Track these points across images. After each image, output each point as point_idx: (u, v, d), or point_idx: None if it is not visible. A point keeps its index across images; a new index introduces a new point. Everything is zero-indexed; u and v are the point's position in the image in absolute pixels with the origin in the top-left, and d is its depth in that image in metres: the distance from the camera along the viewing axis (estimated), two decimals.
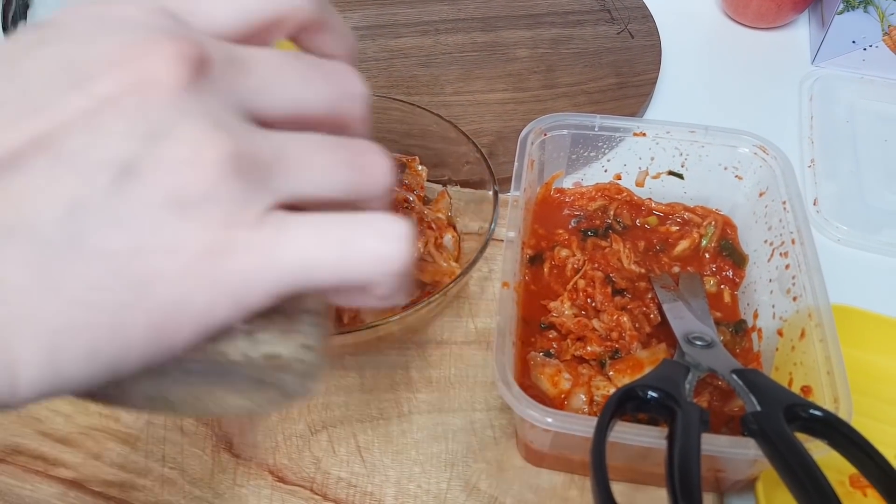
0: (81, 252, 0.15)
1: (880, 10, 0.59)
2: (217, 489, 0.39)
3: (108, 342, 0.15)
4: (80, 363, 0.15)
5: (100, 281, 0.15)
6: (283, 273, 0.17)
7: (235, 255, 0.16)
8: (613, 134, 0.47)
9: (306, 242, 0.17)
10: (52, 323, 0.15)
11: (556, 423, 0.32)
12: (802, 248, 0.39)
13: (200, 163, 0.15)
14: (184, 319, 0.16)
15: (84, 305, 0.15)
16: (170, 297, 0.15)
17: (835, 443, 0.31)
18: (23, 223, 0.14)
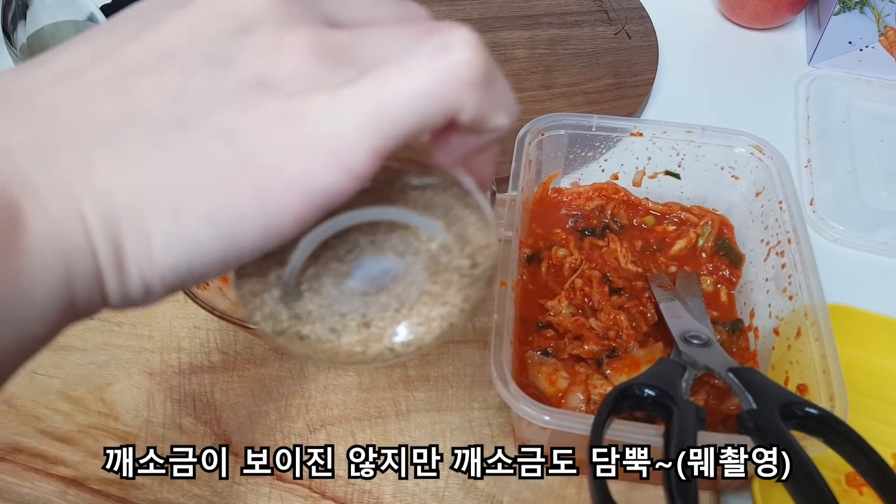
0: (188, 129, 0.17)
1: (876, 11, 0.60)
2: (216, 487, 0.39)
3: (223, 204, 0.17)
4: (202, 227, 0.17)
5: (207, 151, 0.17)
6: (370, 123, 0.17)
7: (320, 116, 0.17)
8: (610, 134, 0.47)
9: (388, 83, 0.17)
10: (172, 187, 0.17)
11: (553, 421, 0.32)
12: (798, 248, 0.40)
13: (282, 48, 0.17)
14: (287, 182, 0.17)
15: (197, 172, 0.17)
16: (268, 162, 0.17)
17: (830, 441, 0.31)
18: (141, 110, 0.17)
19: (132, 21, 0.19)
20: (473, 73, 0.18)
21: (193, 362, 0.44)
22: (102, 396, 0.42)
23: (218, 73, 0.17)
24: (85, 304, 0.18)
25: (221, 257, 0.18)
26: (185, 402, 0.42)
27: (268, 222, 0.17)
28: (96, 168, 0.17)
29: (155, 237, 0.17)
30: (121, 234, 0.17)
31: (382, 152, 0.17)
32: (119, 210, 0.17)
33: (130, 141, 0.17)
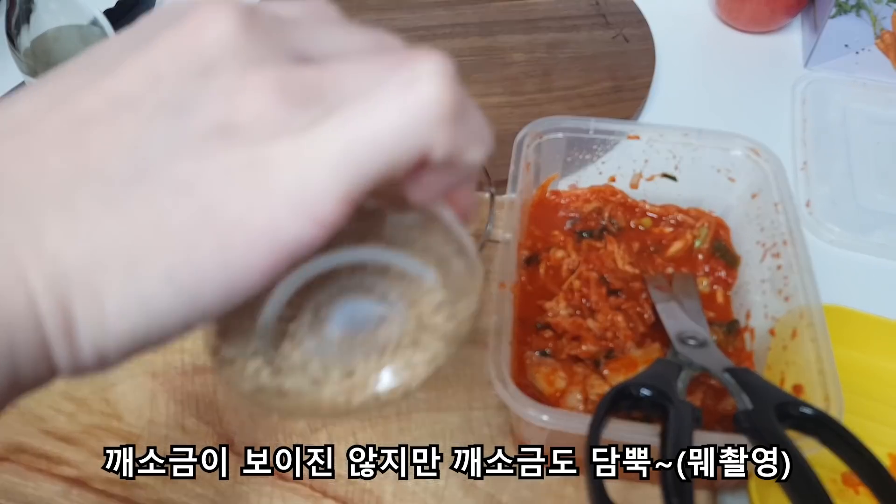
0: (145, 183, 0.16)
1: (872, 14, 0.60)
2: (218, 487, 0.39)
3: (182, 262, 0.16)
4: (160, 287, 0.16)
5: (165, 206, 0.16)
6: (336, 167, 0.16)
7: (284, 164, 0.16)
8: (608, 137, 0.47)
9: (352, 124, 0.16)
10: (127, 247, 0.16)
11: (551, 421, 0.33)
12: (794, 249, 0.40)
13: (245, 90, 0.16)
14: (250, 236, 0.16)
15: (154, 229, 0.16)
16: (230, 215, 0.16)
17: (826, 440, 0.31)
18: (94, 165, 0.16)
19: (91, 65, 0.18)
20: (442, 109, 0.17)
21: (196, 363, 0.44)
22: (106, 397, 0.43)
23: (177, 121, 0.16)
24: (30, 377, 0.17)
25: (182, 319, 0.16)
26: (187, 403, 0.43)
27: (231, 279, 0.16)
28: (45, 230, 0.15)
29: (108, 301, 0.16)
30: (70, 299, 0.16)
31: (352, 198, 0.16)
32: (69, 274, 0.15)
33: (82, 200, 0.16)
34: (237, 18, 0.17)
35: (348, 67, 0.18)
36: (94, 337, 0.16)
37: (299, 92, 0.17)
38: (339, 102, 0.17)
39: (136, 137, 0.16)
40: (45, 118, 0.16)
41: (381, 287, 0.21)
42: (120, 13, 0.64)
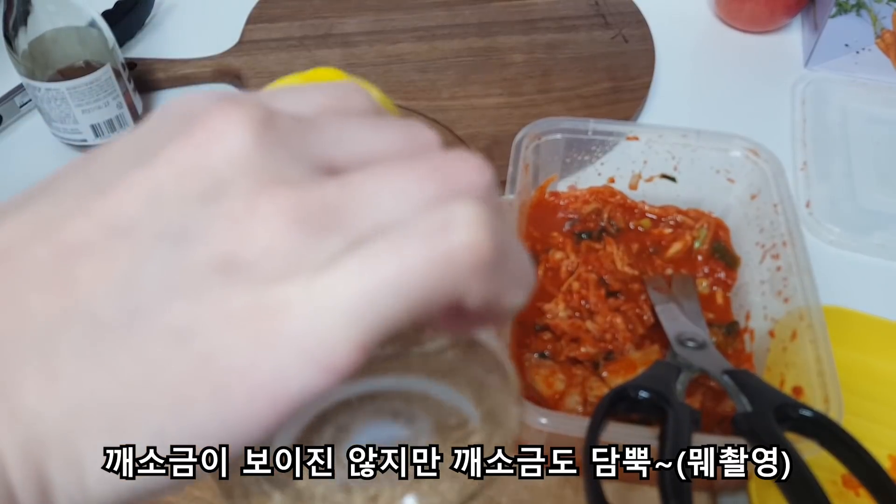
0: (136, 330, 0.14)
1: (873, 14, 0.60)
2: (217, 489, 0.39)
3: (173, 423, 0.14)
4: (147, 445, 0.14)
5: (157, 358, 0.14)
6: (354, 314, 0.14)
7: (295, 309, 0.14)
8: (607, 138, 0.47)
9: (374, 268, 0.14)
10: (112, 405, 0.14)
11: (550, 423, 0.33)
12: (794, 251, 0.40)
13: (255, 218, 0.14)
14: (251, 389, 0.14)
15: (143, 385, 0.14)
16: (230, 367, 0.14)
17: (825, 443, 0.31)
18: (80, 307, 0.14)
19: (84, 180, 0.16)
20: (478, 259, 0.15)
21: None
22: None
23: (176, 253, 0.14)
24: None
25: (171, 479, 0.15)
26: None
27: (230, 436, 0.15)
28: (21, 388, 0.14)
29: (89, 466, 0.14)
30: (47, 465, 0.14)
31: (369, 345, 0.14)
32: (46, 437, 0.14)
33: (66, 351, 0.14)
34: (252, 128, 0.15)
35: (374, 180, 0.15)
36: (71, 492, 0.14)
37: (316, 217, 0.15)
38: (360, 234, 0.15)
39: (130, 273, 0.14)
40: (28, 248, 0.15)
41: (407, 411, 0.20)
42: (118, 15, 0.64)
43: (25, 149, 0.58)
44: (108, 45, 0.53)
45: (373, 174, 0.15)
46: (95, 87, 0.52)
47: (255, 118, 0.15)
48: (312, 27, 0.66)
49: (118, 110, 0.55)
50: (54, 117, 0.53)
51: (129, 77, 0.56)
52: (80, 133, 0.54)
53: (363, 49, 0.64)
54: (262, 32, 0.66)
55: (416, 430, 0.20)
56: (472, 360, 0.19)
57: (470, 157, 0.16)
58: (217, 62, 0.63)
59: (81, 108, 0.53)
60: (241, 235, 0.14)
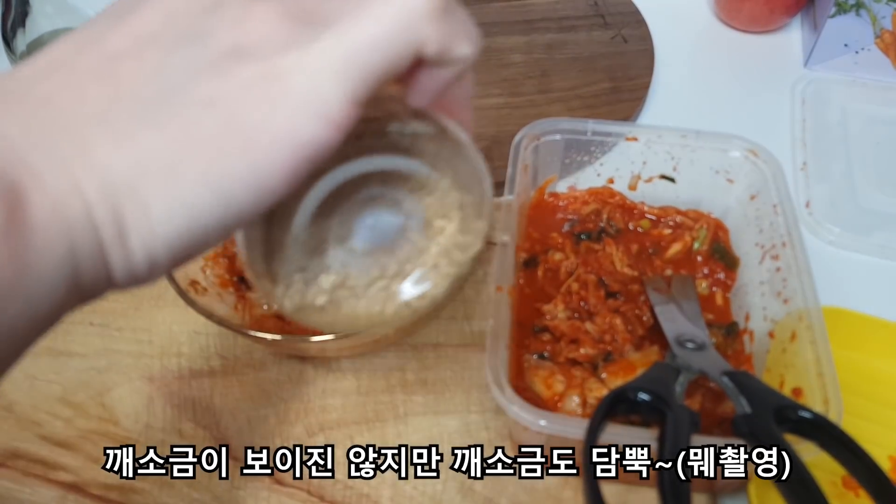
0: (173, 102, 0.18)
1: (872, 14, 0.60)
2: (215, 491, 0.39)
3: (214, 167, 0.18)
4: (198, 190, 0.18)
5: (193, 119, 0.18)
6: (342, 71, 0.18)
7: (295, 73, 0.18)
8: (606, 139, 0.47)
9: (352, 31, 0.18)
10: (165, 157, 0.18)
11: (549, 425, 0.33)
12: (793, 251, 0.40)
13: (251, 18, 0.18)
14: (271, 138, 0.18)
15: (186, 140, 0.18)
16: (252, 122, 0.18)
17: (824, 444, 0.31)
18: (127, 91, 0.18)
19: (111, 15, 0.20)
20: (429, 6, 0.19)
21: (193, 367, 0.44)
22: (102, 401, 0.43)
23: (194, 49, 0.18)
24: (90, 282, 0.18)
25: (219, 220, 0.18)
26: (184, 407, 0.43)
27: (259, 179, 0.18)
28: (92, 147, 0.17)
29: (154, 206, 0.18)
30: (121, 206, 0.17)
31: (359, 98, 0.18)
32: (117, 184, 0.17)
33: (121, 119, 0.18)
34: None
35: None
36: (144, 240, 0.18)
37: (300, 13, 0.19)
38: (338, 16, 0.19)
39: (160, 66, 0.18)
40: (78, 58, 0.19)
41: (401, 197, 0.23)
42: None
43: None
44: None
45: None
46: None
47: None
48: None
49: None
50: None
51: None
52: None
53: None
54: None
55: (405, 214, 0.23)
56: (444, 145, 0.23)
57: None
58: None
59: None
60: (243, 31, 0.18)
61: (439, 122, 0.23)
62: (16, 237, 0.16)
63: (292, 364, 0.44)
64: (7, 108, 0.18)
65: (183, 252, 0.19)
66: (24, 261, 0.16)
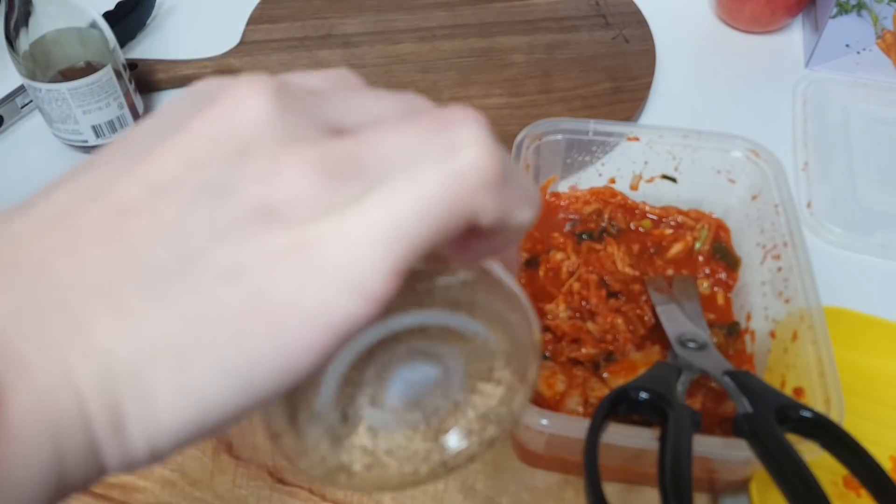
0: (190, 272, 0.16)
1: (874, 14, 0.60)
2: (217, 490, 0.39)
3: (235, 351, 0.16)
4: (213, 378, 0.16)
5: (213, 294, 0.16)
6: (383, 243, 0.16)
7: (330, 244, 0.16)
8: (607, 139, 0.47)
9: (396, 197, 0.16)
10: (177, 339, 0.15)
11: (550, 424, 0.33)
12: (794, 251, 0.40)
13: (282, 172, 0.16)
14: (302, 318, 0.16)
15: (203, 319, 0.16)
16: (281, 299, 0.16)
17: (826, 444, 0.31)
18: (137, 255, 0.16)
19: (123, 152, 0.18)
20: (486, 175, 0.16)
21: None
22: None
23: (217, 205, 0.16)
24: (78, 478, 0.16)
25: (235, 407, 0.16)
26: None
27: (285, 363, 0.16)
28: (92, 328, 0.15)
29: (160, 396, 0.16)
30: (120, 396, 0.15)
31: (401, 271, 0.16)
32: (117, 372, 0.15)
33: (128, 293, 0.16)
34: (270, 96, 0.17)
35: (384, 135, 0.17)
36: (147, 433, 0.16)
37: (337, 167, 0.16)
38: (379, 175, 0.16)
39: (178, 225, 0.16)
40: (82, 210, 0.16)
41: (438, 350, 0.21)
42: (119, 15, 0.64)
43: (26, 149, 0.58)
44: (109, 45, 0.53)
45: (381, 130, 0.17)
46: (96, 87, 0.52)
47: (272, 87, 0.17)
48: (313, 28, 0.66)
49: (119, 111, 0.55)
50: (55, 118, 0.53)
51: (130, 78, 0.56)
52: (80, 134, 0.54)
53: (364, 49, 0.64)
54: (263, 33, 0.66)
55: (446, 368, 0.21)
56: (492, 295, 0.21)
57: (465, 107, 0.18)
58: (218, 63, 0.63)
59: (82, 109, 0.53)
60: (272, 187, 0.16)
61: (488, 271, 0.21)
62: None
63: None
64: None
65: (190, 439, 0.16)
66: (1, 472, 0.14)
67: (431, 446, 0.21)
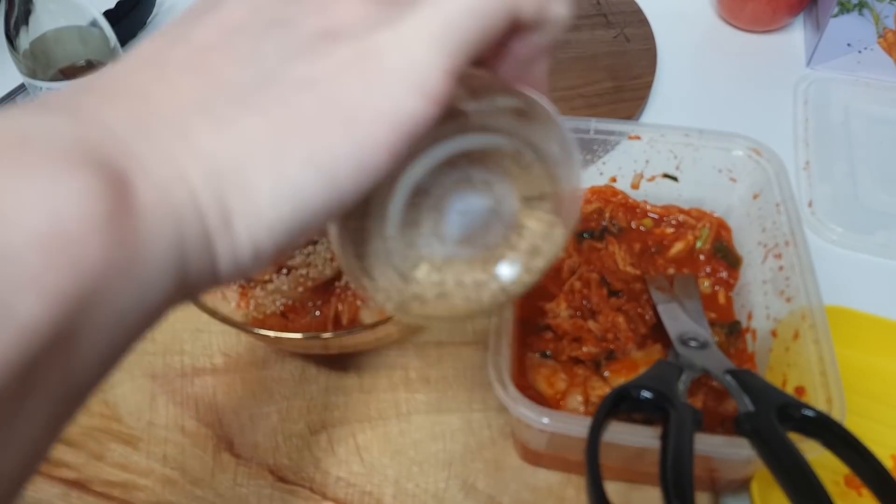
0: (271, 86, 0.18)
1: (875, 13, 0.60)
2: (218, 489, 0.39)
3: (318, 147, 0.18)
4: (303, 172, 0.18)
5: (294, 102, 0.18)
6: (437, 43, 0.18)
7: (390, 49, 0.18)
8: (609, 137, 0.47)
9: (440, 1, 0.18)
10: (269, 140, 0.17)
11: (552, 423, 0.33)
12: (796, 250, 0.40)
13: (335, 3, 0.18)
14: (372, 116, 0.18)
15: (288, 122, 0.18)
16: (352, 101, 0.18)
17: (827, 443, 0.31)
18: (223, 79, 0.18)
19: (192, 17, 0.20)
20: None
21: (196, 365, 0.44)
22: (105, 399, 0.43)
23: (284, 35, 0.18)
24: (196, 272, 0.18)
25: (324, 202, 0.18)
26: (187, 405, 0.43)
27: (362, 157, 0.18)
28: (194, 134, 0.17)
29: (260, 191, 0.17)
30: (226, 193, 0.17)
31: (455, 69, 0.18)
32: (221, 170, 0.17)
33: (220, 106, 0.18)
34: None
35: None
36: (250, 226, 0.18)
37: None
38: None
39: (253, 54, 0.18)
40: (169, 53, 0.19)
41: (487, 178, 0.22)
42: (120, 14, 0.64)
43: None
44: (109, 44, 0.53)
45: None
46: None
47: None
48: None
49: None
50: None
51: None
52: None
53: None
54: None
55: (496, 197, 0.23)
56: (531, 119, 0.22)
57: None
58: None
59: None
60: (331, 16, 0.18)
61: (527, 96, 0.22)
62: (126, 224, 0.16)
63: (295, 362, 0.44)
64: (105, 101, 0.17)
65: (287, 237, 0.18)
66: (136, 247, 0.16)
67: (489, 277, 0.23)
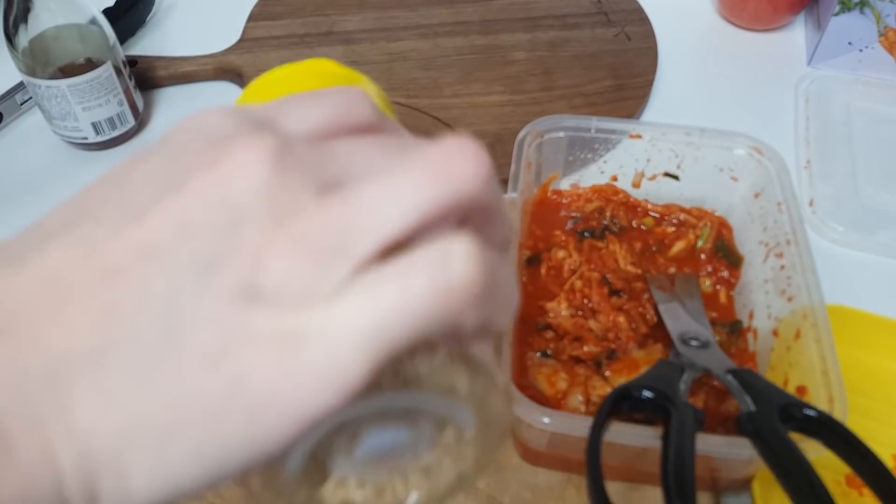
0: (174, 353, 0.16)
1: (876, 12, 0.60)
2: (218, 488, 0.39)
3: (210, 439, 0.16)
4: (186, 462, 0.16)
5: (194, 381, 0.16)
6: (365, 342, 0.16)
7: (313, 337, 0.16)
8: (610, 136, 0.47)
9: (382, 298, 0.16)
10: (156, 424, 0.16)
11: (552, 423, 0.32)
12: (797, 249, 0.40)
13: (271, 250, 0.16)
14: (277, 411, 0.16)
15: (183, 406, 0.16)
16: (259, 391, 0.16)
17: (829, 443, 0.31)
18: (124, 328, 0.16)
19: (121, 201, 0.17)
20: (475, 290, 0.16)
21: None
22: None
23: (204, 279, 0.16)
24: None
25: (205, 484, 0.17)
26: None
27: (257, 449, 0.16)
28: (75, 405, 0.15)
29: (135, 477, 0.16)
30: (97, 477, 0.16)
31: (378, 367, 0.16)
32: (97, 453, 0.15)
33: (114, 373, 0.16)
34: (271, 159, 0.17)
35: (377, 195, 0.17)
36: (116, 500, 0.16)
37: (325, 245, 0.16)
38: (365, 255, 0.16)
39: (165, 296, 0.16)
40: (74, 272, 0.16)
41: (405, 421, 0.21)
42: (119, 12, 0.64)
43: (26, 146, 0.58)
44: (108, 42, 0.52)
45: (374, 186, 0.17)
46: (96, 84, 0.52)
47: (273, 149, 0.17)
48: (314, 25, 0.66)
49: (119, 108, 0.55)
50: (55, 115, 0.53)
51: (129, 75, 0.56)
52: (80, 131, 0.54)
53: (365, 47, 0.64)
54: (264, 30, 0.65)
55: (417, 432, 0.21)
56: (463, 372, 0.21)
57: (466, 147, 0.18)
58: (218, 60, 0.62)
59: (82, 106, 0.53)
60: (259, 265, 0.16)
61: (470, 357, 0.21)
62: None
63: None
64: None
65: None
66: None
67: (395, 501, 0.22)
